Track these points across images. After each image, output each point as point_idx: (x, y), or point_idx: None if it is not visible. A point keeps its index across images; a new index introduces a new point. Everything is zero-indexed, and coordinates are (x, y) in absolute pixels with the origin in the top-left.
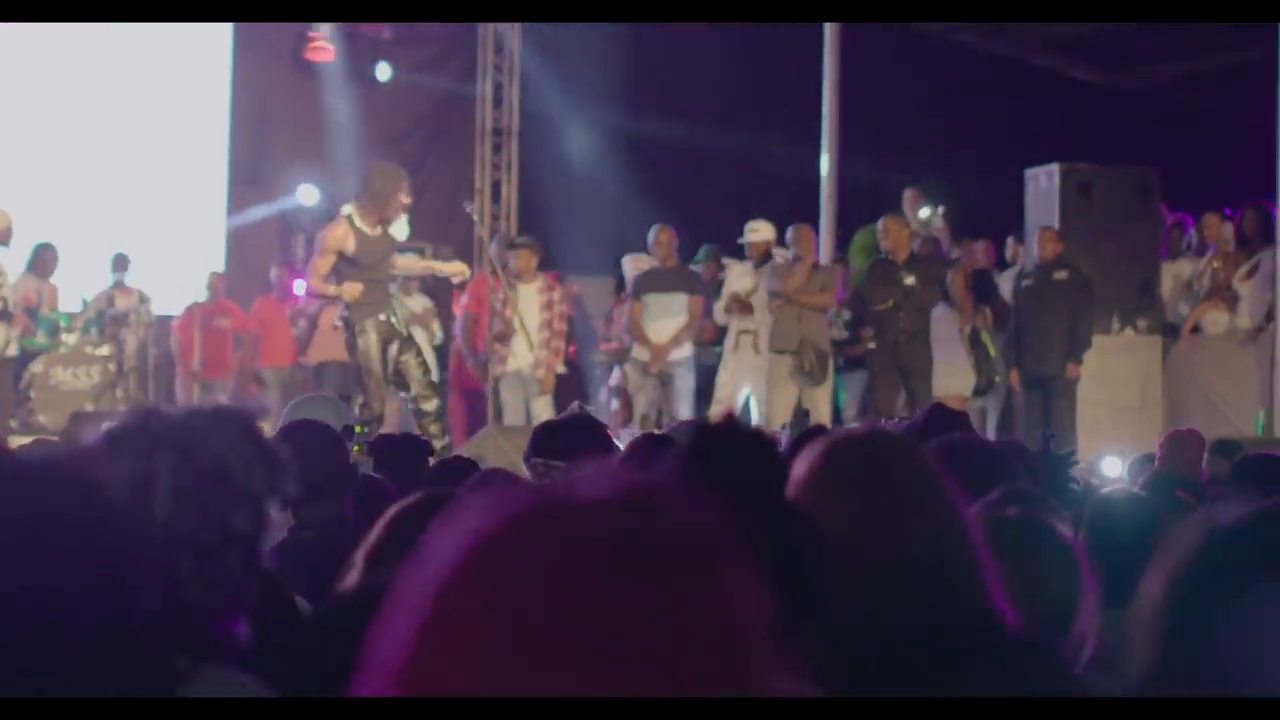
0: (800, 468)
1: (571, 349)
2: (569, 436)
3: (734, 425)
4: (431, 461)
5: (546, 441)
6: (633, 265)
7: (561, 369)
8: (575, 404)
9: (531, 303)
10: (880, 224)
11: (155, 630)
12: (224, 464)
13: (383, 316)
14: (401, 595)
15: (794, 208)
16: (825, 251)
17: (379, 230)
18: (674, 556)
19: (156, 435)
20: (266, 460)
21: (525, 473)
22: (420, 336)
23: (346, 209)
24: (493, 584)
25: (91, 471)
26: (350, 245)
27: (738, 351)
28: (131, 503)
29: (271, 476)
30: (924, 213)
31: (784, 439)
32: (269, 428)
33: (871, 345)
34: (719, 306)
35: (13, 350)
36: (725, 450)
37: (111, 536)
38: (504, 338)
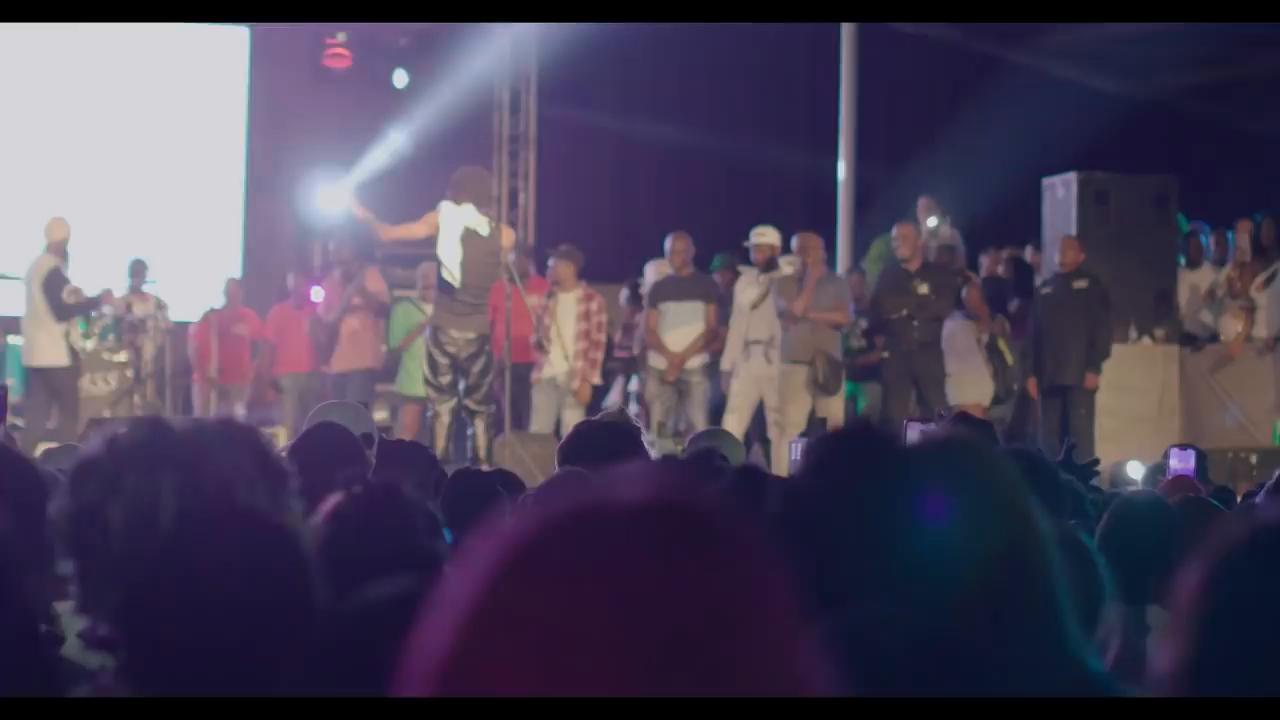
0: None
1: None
2: (604, 441)
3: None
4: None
5: (582, 445)
6: (655, 272)
7: (597, 380)
8: (618, 409)
9: (569, 312)
10: (894, 231)
11: None
12: (228, 484)
13: None
14: (445, 598)
15: (811, 215)
16: (842, 259)
17: None
18: (707, 561)
19: (161, 454)
20: (271, 478)
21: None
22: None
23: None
24: (529, 589)
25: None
26: None
27: (749, 361)
28: (137, 520)
29: (275, 494)
30: (932, 221)
31: (798, 448)
32: (284, 435)
33: (884, 354)
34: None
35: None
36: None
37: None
38: (540, 346)
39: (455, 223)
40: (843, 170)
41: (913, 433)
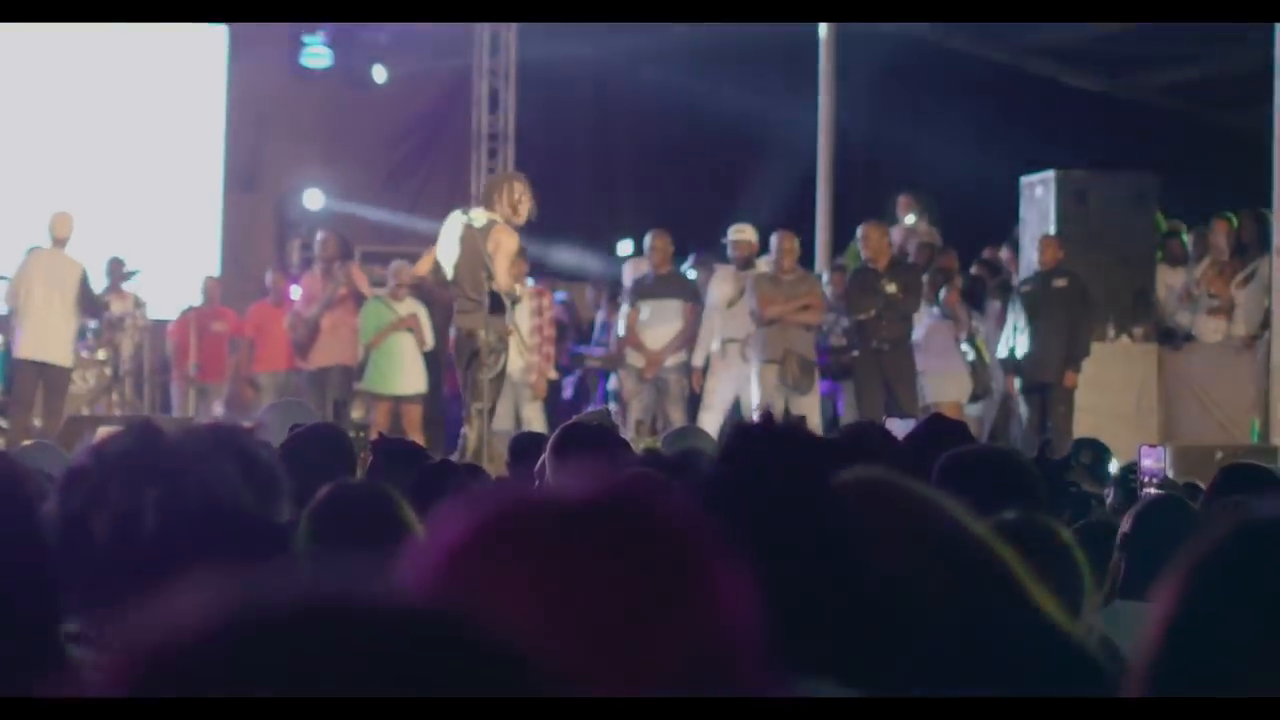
0: None
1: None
2: (585, 442)
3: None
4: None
5: (565, 446)
6: (634, 270)
7: (553, 375)
8: (600, 409)
9: (522, 308)
10: (860, 231)
11: None
12: (213, 494)
13: None
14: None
15: (790, 212)
16: (821, 256)
17: None
18: (651, 557)
19: (146, 466)
20: (259, 485)
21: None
22: (405, 342)
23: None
24: (466, 592)
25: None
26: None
27: (725, 359)
28: (119, 532)
29: (263, 501)
30: (910, 218)
31: None
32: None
33: (854, 354)
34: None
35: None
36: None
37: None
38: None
39: (457, 224)
40: (821, 169)
41: (894, 429)
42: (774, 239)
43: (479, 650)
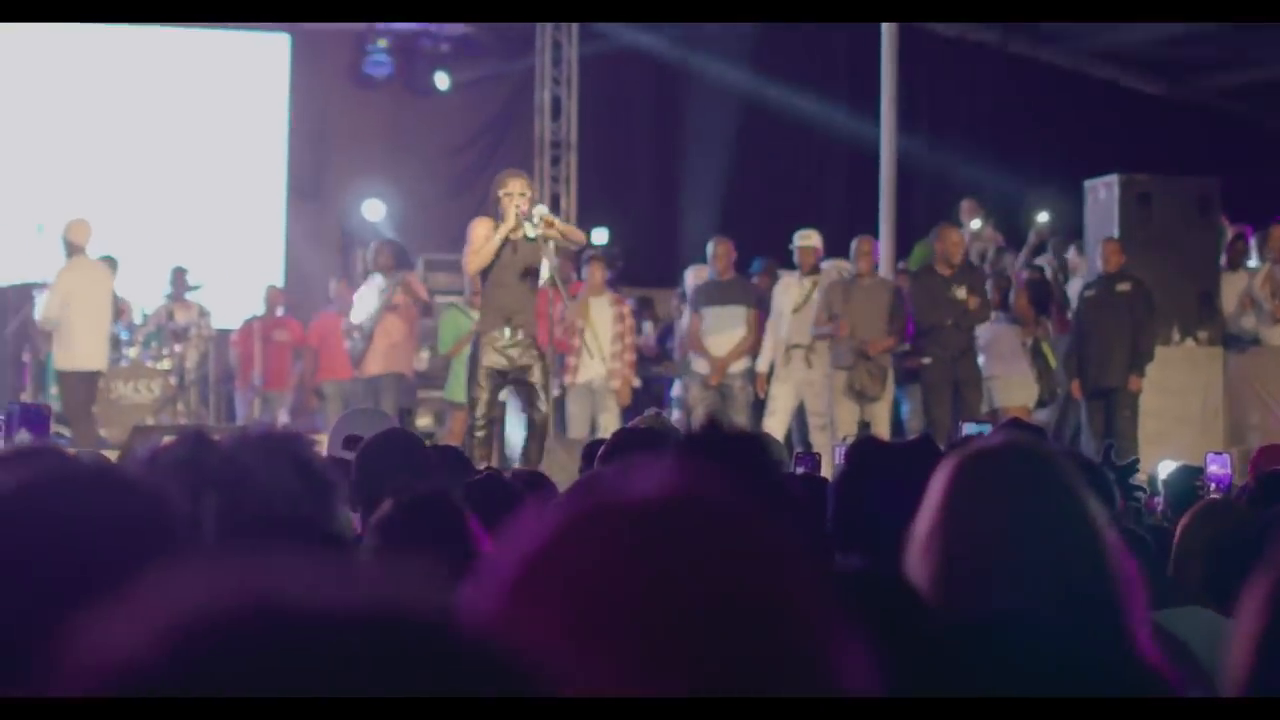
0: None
1: None
2: (644, 445)
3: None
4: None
5: (621, 449)
6: (694, 277)
7: (636, 383)
8: (651, 410)
9: (604, 315)
10: (937, 232)
11: None
12: (270, 500)
13: None
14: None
15: (852, 218)
16: (885, 261)
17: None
18: (725, 554)
19: (203, 473)
20: (315, 489)
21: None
22: None
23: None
24: (545, 591)
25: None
26: None
27: (789, 364)
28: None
29: (320, 505)
30: (975, 223)
31: (841, 452)
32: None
33: (925, 360)
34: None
35: (87, 364)
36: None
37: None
38: (573, 349)
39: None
40: (884, 175)
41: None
42: (853, 244)
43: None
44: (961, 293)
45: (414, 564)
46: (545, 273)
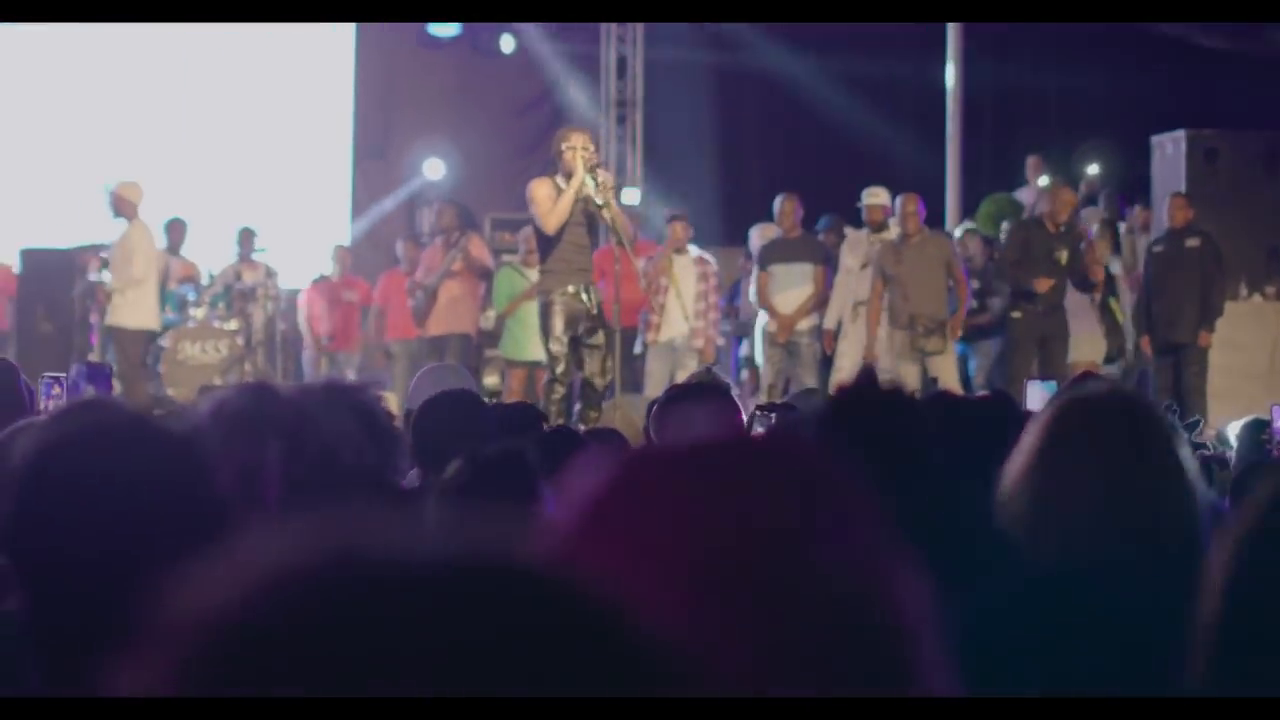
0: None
1: None
2: (696, 400)
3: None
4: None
5: (674, 405)
6: (760, 236)
7: (720, 341)
8: (704, 368)
9: (688, 273)
10: (1048, 188)
11: None
12: (333, 449)
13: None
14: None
15: (919, 175)
16: (951, 218)
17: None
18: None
19: (267, 421)
20: (379, 441)
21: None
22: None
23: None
24: (609, 535)
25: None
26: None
27: (857, 322)
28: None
29: (384, 456)
30: (1043, 180)
31: None
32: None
33: (1016, 314)
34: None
35: (150, 323)
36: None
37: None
38: (656, 307)
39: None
40: (950, 129)
41: (1033, 392)
42: (897, 202)
43: (573, 608)
44: (1064, 254)
45: (487, 515)
46: (613, 233)
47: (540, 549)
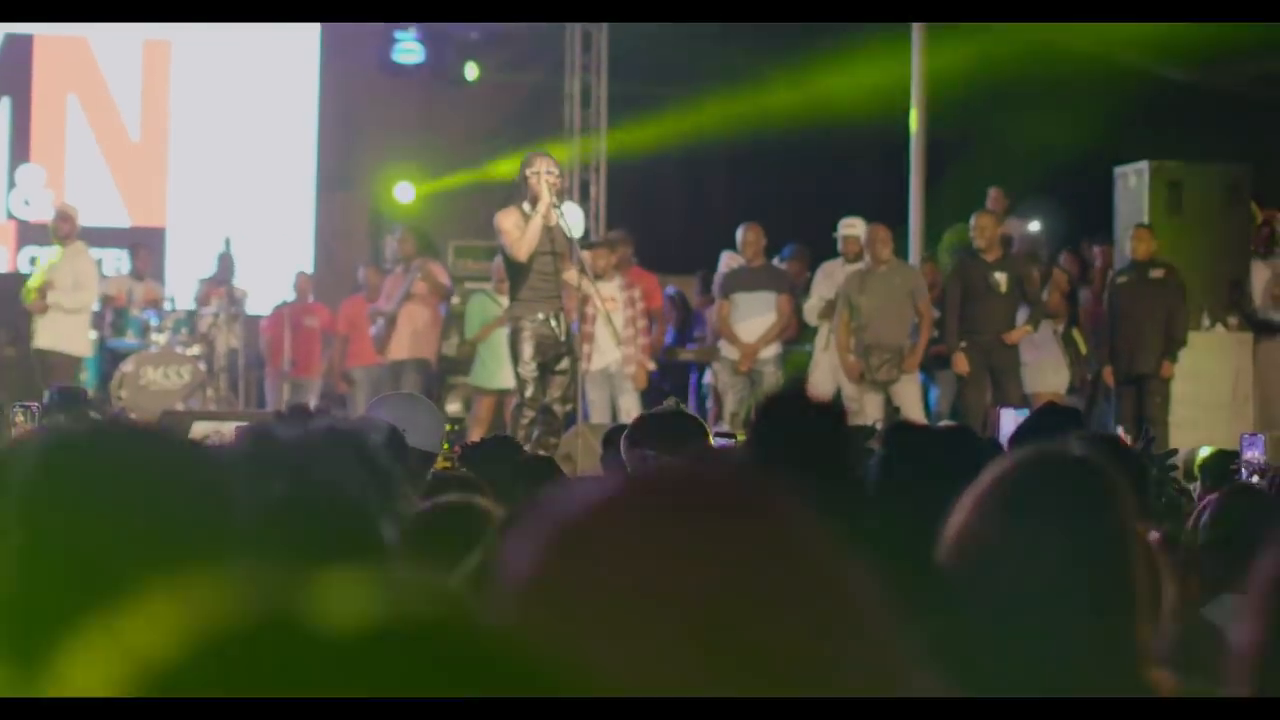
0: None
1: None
2: (666, 429)
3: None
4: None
5: (643, 434)
6: (729, 262)
7: (651, 365)
8: (670, 399)
9: (615, 300)
10: (973, 221)
11: None
12: (338, 490)
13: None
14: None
15: (882, 204)
16: (914, 248)
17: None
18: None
19: (270, 463)
20: (380, 481)
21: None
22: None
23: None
24: (576, 567)
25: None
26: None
27: (828, 351)
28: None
29: (385, 497)
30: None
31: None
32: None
33: (962, 344)
34: (807, 306)
35: (85, 350)
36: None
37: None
38: (587, 336)
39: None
40: (914, 160)
41: (1006, 419)
42: (865, 232)
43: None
44: (1002, 280)
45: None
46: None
47: (486, 606)
